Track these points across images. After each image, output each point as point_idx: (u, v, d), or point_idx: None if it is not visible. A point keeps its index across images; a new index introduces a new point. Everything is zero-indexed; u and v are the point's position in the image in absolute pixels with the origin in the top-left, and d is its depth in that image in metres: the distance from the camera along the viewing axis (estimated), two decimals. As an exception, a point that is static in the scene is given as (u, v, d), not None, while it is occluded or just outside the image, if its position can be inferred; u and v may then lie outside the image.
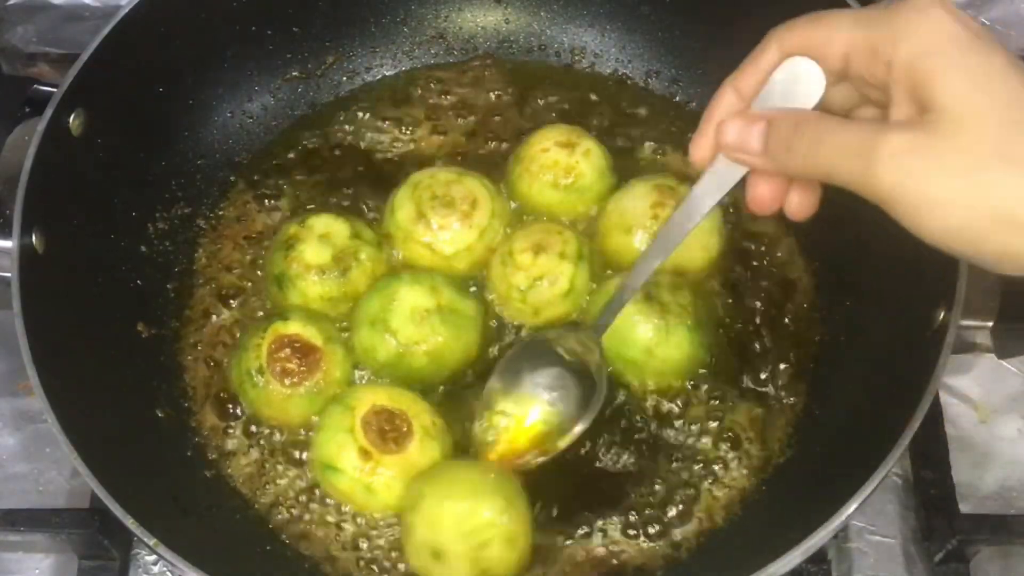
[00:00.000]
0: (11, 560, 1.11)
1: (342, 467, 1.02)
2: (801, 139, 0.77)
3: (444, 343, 1.08)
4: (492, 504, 0.97)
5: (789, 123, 0.79)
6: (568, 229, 1.14)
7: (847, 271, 1.14)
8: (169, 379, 1.12)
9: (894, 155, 0.70)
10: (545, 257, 1.11)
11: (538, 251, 1.11)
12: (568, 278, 1.10)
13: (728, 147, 0.83)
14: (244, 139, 1.27)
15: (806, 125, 0.77)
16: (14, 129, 1.12)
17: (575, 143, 1.18)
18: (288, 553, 1.04)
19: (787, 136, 0.78)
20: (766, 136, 0.80)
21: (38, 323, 0.97)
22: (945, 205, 0.70)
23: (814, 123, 0.77)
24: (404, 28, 1.33)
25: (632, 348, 1.07)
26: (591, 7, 1.31)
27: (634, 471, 1.07)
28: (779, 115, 0.81)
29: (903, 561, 1.09)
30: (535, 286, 1.10)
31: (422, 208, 1.14)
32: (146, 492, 0.97)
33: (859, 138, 0.73)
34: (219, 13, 1.21)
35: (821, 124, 0.76)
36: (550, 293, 1.10)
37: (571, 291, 1.11)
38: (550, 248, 1.11)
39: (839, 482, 0.93)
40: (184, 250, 1.20)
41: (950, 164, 0.69)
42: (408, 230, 1.14)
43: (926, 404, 0.92)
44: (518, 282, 1.11)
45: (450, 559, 0.96)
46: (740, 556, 0.97)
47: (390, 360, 1.08)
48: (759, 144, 0.81)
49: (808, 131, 0.77)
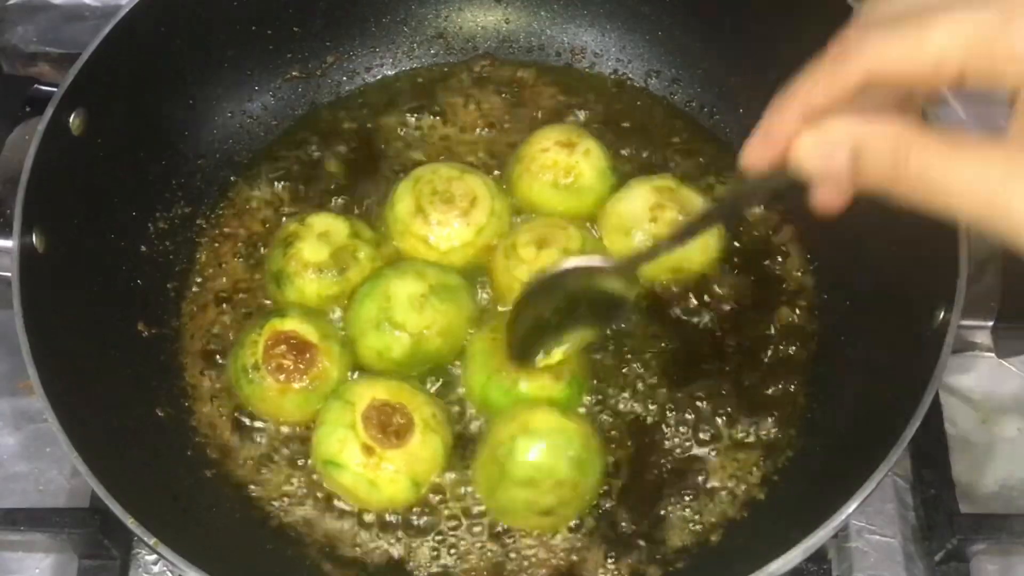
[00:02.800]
0: (11, 560, 1.11)
1: (344, 463, 1.02)
2: (908, 165, 0.65)
3: (450, 318, 1.08)
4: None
5: (889, 143, 0.66)
6: (572, 225, 1.14)
7: (847, 271, 1.14)
8: (169, 379, 1.12)
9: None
10: (548, 251, 1.11)
11: (541, 245, 1.11)
12: None
13: (803, 164, 0.71)
14: (244, 139, 1.27)
15: (915, 148, 0.65)
16: (14, 129, 1.12)
17: (575, 143, 1.18)
18: (289, 552, 1.04)
19: (887, 160, 0.66)
20: (857, 156, 0.68)
21: (38, 323, 0.97)
22: None
23: (924, 145, 0.65)
24: (404, 28, 1.32)
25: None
26: (591, 7, 1.31)
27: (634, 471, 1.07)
28: (874, 132, 0.67)
29: (903, 561, 1.09)
30: None
31: (421, 203, 1.14)
32: (146, 492, 0.97)
33: (995, 168, 0.63)
34: (219, 13, 1.21)
35: (934, 147, 0.65)
36: None
37: None
38: (554, 243, 1.11)
39: (839, 482, 0.93)
40: (184, 250, 1.20)
41: None
42: (406, 224, 1.14)
43: (926, 404, 0.92)
44: (521, 275, 1.11)
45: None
46: (740, 556, 0.98)
47: (406, 353, 1.08)
48: (846, 166, 0.68)
49: (918, 155, 0.65)
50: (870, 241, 1.10)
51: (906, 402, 0.93)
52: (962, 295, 0.96)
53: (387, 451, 1.02)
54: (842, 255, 1.14)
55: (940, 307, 0.97)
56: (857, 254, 1.12)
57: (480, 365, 1.07)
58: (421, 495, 1.04)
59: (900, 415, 0.93)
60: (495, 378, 1.06)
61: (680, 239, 0.92)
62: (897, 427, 0.92)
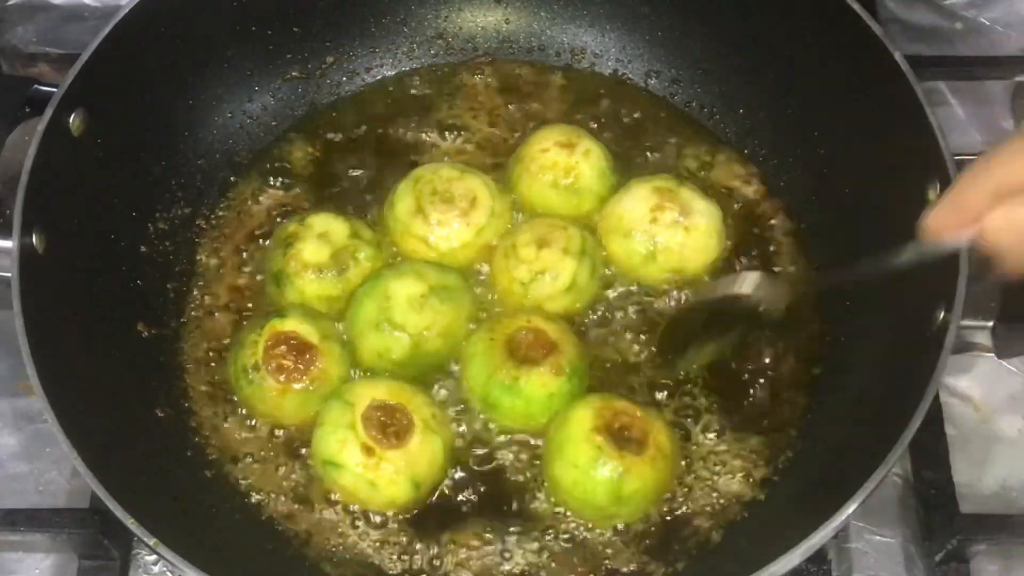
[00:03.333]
0: (11, 560, 1.11)
1: (344, 463, 1.02)
2: None
3: (450, 319, 1.08)
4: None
5: None
6: (572, 225, 1.14)
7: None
8: (169, 379, 1.12)
9: None
10: (548, 252, 1.11)
11: (541, 245, 1.11)
12: (571, 273, 1.11)
13: (996, 239, 0.81)
14: (244, 139, 1.27)
15: None
16: (14, 129, 1.12)
17: (575, 143, 1.18)
18: (288, 552, 1.04)
19: None
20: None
21: (38, 323, 0.97)
22: None
23: None
24: (404, 28, 1.32)
25: None
26: (591, 7, 1.31)
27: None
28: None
29: (903, 561, 1.09)
30: (537, 280, 1.11)
31: (421, 203, 1.14)
32: (146, 492, 0.97)
33: None
34: (219, 13, 1.21)
35: None
36: (552, 288, 1.11)
37: (573, 286, 1.11)
38: (554, 243, 1.11)
39: (839, 482, 0.93)
40: (184, 250, 1.19)
41: None
42: (406, 223, 1.14)
43: (926, 404, 0.92)
44: (520, 275, 1.11)
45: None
46: (740, 556, 0.98)
47: (406, 354, 1.08)
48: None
49: None
50: (871, 242, 1.10)
51: (906, 402, 0.93)
52: (962, 295, 0.96)
53: (387, 452, 1.02)
54: (842, 255, 1.14)
55: (940, 307, 0.97)
56: (857, 254, 1.12)
57: (481, 365, 1.07)
58: (421, 495, 1.04)
59: (900, 415, 0.93)
60: (496, 376, 1.06)
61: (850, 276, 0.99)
62: (897, 427, 0.92)
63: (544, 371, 1.05)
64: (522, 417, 1.07)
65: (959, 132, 1.32)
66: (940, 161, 1.01)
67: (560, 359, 1.06)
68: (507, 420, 1.07)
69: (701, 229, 1.14)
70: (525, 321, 1.08)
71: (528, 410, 1.06)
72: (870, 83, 1.10)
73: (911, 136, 1.04)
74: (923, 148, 1.02)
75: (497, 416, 1.08)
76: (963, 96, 1.35)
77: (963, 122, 1.34)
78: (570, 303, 1.12)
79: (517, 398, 1.06)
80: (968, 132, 1.33)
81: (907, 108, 1.04)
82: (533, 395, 1.05)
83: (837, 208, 1.17)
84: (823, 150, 1.19)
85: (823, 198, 1.19)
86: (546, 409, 1.06)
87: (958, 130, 1.33)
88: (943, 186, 1.00)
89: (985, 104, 1.35)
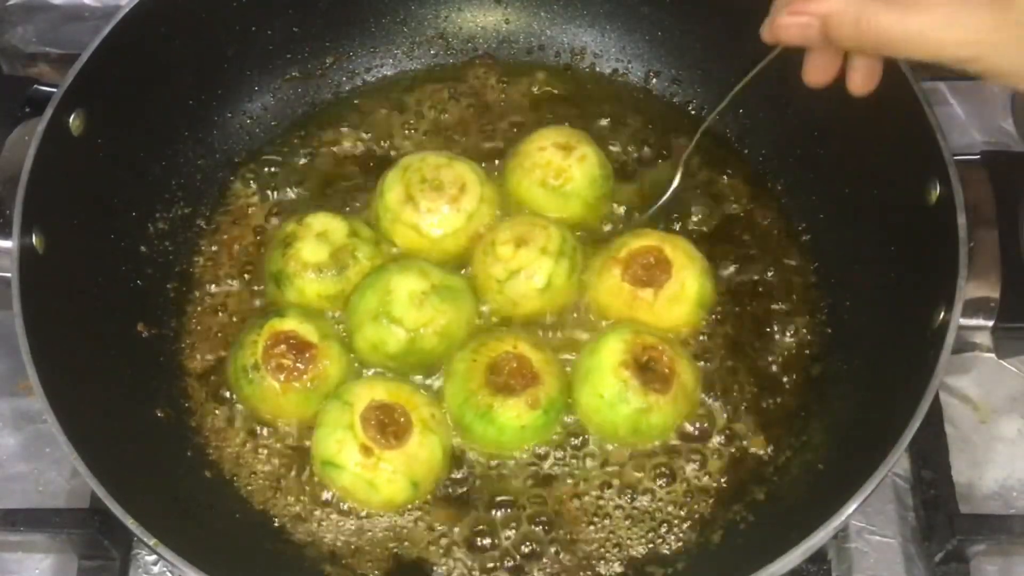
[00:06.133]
0: (11, 560, 1.11)
1: (343, 463, 1.02)
2: (868, 26, 0.84)
3: (449, 319, 1.08)
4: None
5: (851, 14, 0.85)
6: (554, 225, 1.13)
7: (847, 271, 1.14)
8: (169, 379, 1.12)
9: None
10: (526, 250, 1.11)
11: (519, 244, 1.11)
12: (546, 274, 1.10)
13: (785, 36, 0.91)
14: (244, 139, 1.27)
15: (868, 11, 0.83)
16: (14, 129, 1.12)
17: (573, 147, 1.17)
18: (288, 552, 1.04)
19: (851, 25, 0.85)
20: (826, 26, 0.86)
21: (38, 323, 0.97)
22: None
23: (876, 11, 0.83)
24: (404, 28, 1.32)
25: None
26: (591, 7, 1.31)
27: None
28: (837, 6, 0.85)
29: (903, 561, 1.09)
30: (513, 278, 1.10)
31: (411, 191, 1.14)
32: (146, 492, 0.97)
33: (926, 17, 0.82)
34: (219, 13, 1.21)
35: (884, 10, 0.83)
36: (527, 287, 1.10)
37: (548, 287, 1.10)
38: (532, 242, 1.11)
39: (839, 482, 0.93)
40: (184, 250, 1.20)
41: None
42: (396, 212, 1.14)
43: (926, 404, 0.92)
44: (496, 273, 1.11)
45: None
46: (740, 556, 0.98)
47: (401, 349, 1.08)
48: (818, 34, 0.87)
49: (874, 17, 0.83)
50: (870, 240, 1.10)
51: (906, 402, 0.93)
52: (962, 295, 0.96)
53: (385, 452, 1.02)
54: (842, 254, 1.14)
55: (940, 307, 0.97)
56: (857, 254, 1.12)
57: (458, 386, 1.07)
58: (420, 495, 1.04)
59: (900, 415, 0.93)
60: (471, 400, 1.05)
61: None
62: (897, 427, 0.92)
63: (519, 402, 1.04)
64: (493, 445, 1.06)
65: (959, 132, 1.33)
66: (940, 161, 1.01)
67: (538, 391, 1.05)
68: (478, 444, 1.07)
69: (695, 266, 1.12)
70: (512, 345, 1.07)
71: (499, 439, 1.06)
72: (870, 83, 1.10)
73: (911, 136, 1.04)
74: (923, 148, 1.02)
75: (469, 439, 1.07)
76: (963, 96, 1.35)
77: (963, 122, 1.34)
78: (546, 303, 1.11)
79: (490, 426, 1.05)
80: (968, 132, 1.34)
81: (907, 108, 1.04)
82: (506, 425, 1.05)
83: (837, 208, 1.17)
84: (823, 150, 1.19)
85: (823, 198, 1.19)
86: (518, 440, 1.06)
87: (958, 130, 1.33)
88: (943, 186, 1.00)
89: (985, 104, 1.35)
